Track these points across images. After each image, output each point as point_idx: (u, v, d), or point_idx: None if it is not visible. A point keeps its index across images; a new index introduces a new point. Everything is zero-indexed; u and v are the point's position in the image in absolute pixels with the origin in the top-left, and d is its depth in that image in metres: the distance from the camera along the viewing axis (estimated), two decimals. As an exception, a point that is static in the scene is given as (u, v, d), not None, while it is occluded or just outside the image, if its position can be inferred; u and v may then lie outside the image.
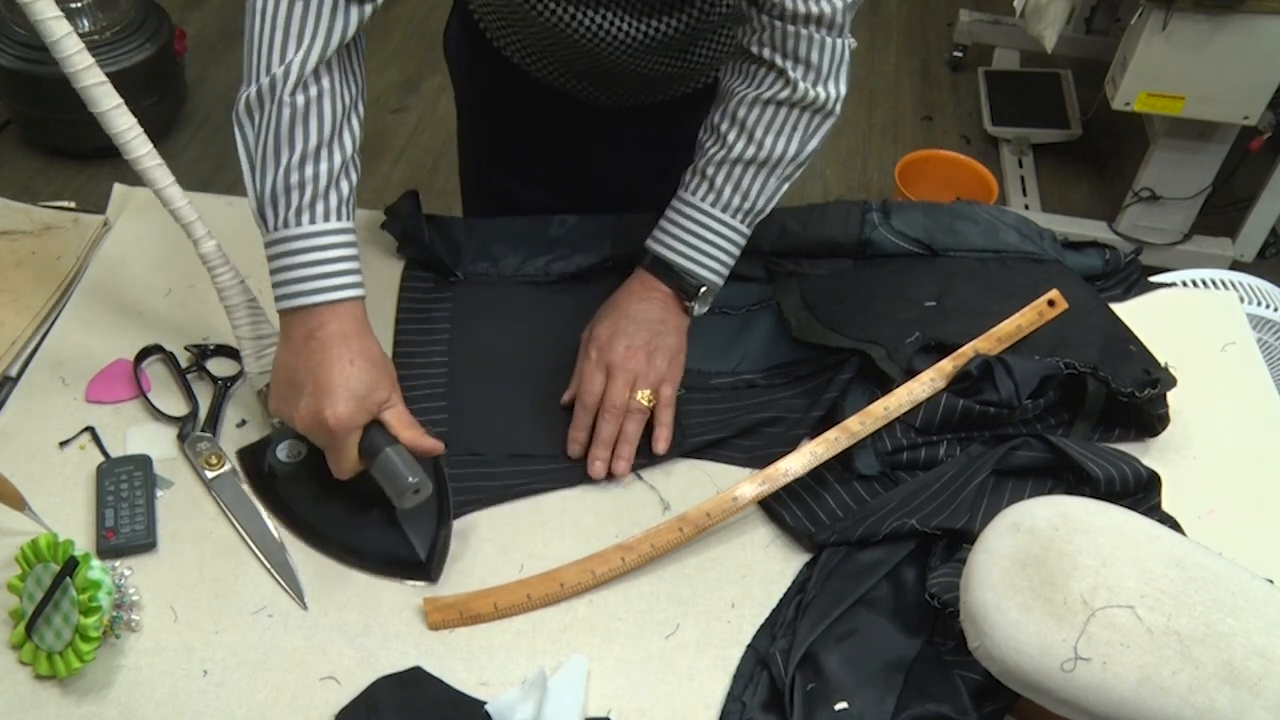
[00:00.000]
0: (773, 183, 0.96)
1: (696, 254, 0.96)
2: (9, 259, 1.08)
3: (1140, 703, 0.67)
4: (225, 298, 0.92)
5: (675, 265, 0.96)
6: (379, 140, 2.71)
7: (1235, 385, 1.06)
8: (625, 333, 0.95)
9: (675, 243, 0.96)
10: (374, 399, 0.83)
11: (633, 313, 0.97)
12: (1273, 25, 2.02)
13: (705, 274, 0.97)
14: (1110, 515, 0.75)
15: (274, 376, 0.87)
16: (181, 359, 0.99)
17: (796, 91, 0.92)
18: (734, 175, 0.95)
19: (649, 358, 0.95)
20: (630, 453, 0.94)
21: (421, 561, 0.85)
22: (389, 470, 0.82)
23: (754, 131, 0.93)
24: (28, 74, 2.39)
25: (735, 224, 0.96)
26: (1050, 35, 2.30)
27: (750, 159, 0.94)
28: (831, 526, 0.89)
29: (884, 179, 2.74)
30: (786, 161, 0.95)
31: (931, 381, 0.95)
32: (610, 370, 0.94)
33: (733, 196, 0.95)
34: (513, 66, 1.14)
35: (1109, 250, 1.14)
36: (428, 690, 0.78)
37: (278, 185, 0.82)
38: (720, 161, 0.95)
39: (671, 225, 0.97)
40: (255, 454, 0.93)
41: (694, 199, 0.96)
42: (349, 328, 0.83)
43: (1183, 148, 2.32)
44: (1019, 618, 0.70)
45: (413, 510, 0.85)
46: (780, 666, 0.79)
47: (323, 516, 0.88)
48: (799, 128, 0.94)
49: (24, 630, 0.78)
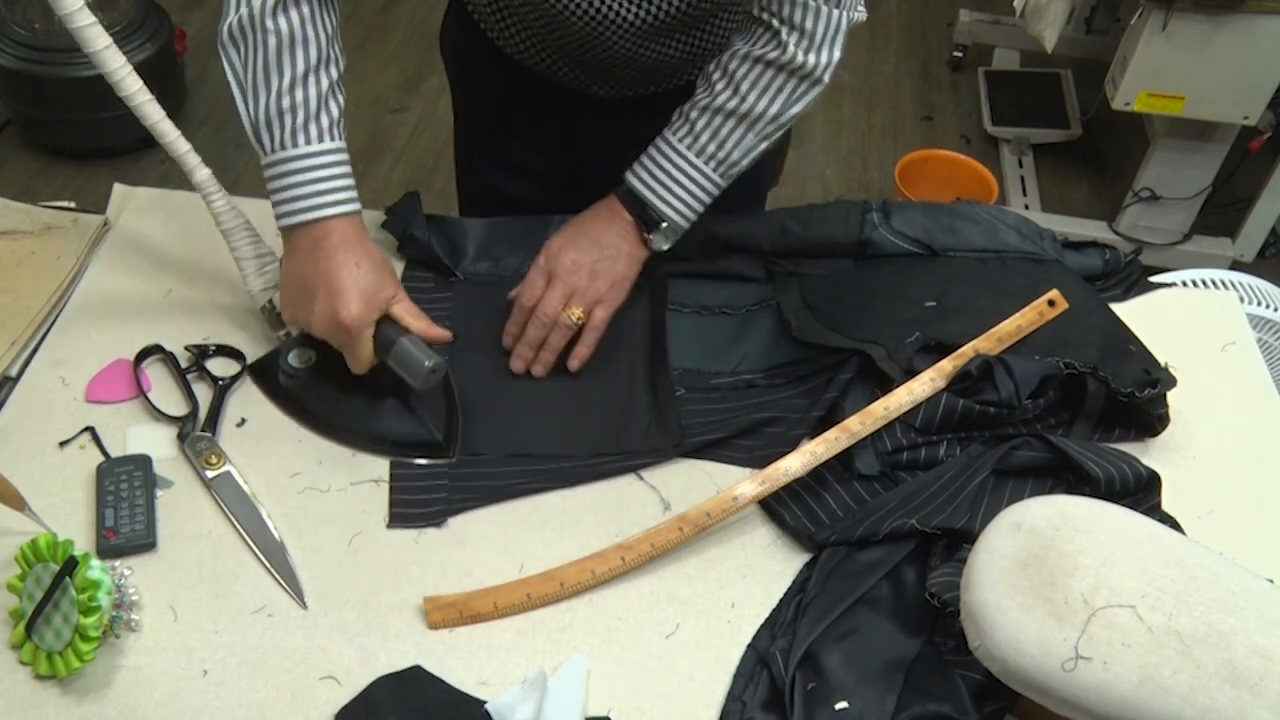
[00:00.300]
0: (750, 138, 0.98)
1: (664, 190, 0.99)
2: (9, 259, 1.08)
3: (1141, 702, 0.67)
4: (222, 222, 0.98)
5: (641, 196, 1.00)
6: (379, 140, 2.71)
7: (1235, 385, 1.06)
8: (577, 247, 1.00)
9: (647, 176, 1.00)
10: (382, 296, 0.91)
11: (590, 230, 1.01)
12: (1273, 25, 2.02)
13: (668, 210, 1.00)
14: (1111, 515, 0.75)
15: (284, 288, 0.94)
16: (181, 359, 0.99)
17: (786, 54, 0.94)
18: (714, 123, 0.97)
19: (592, 277, 0.99)
20: (550, 360, 0.99)
21: (439, 441, 0.93)
22: (406, 358, 0.90)
23: (740, 85, 0.96)
24: (28, 74, 2.40)
25: (707, 170, 0.99)
26: (1050, 35, 2.30)
27: (731, 110, 0.97)
28: (831, 526, 0.89)
29: (884, 179, 2.74)
30: (767, 120, 0.98)
31: (931, 381, 0.95)
32: (551, 279, 0.99)
33: (709, 143, 0.98)
34: (506, 57, 1.14)
35: (1109, 250, 1.14)
36: (427, 690, 0.78)
37: (270, 109, 0.89)
38: (704, 108, 0.97)
39: (648, 160, 1.00)
40: (267, 366, 0.99)
41: (673, 139, 0.99)
42: (351, 235, 0.91)
43: (1183, 148, 2.32)
44: (1020, 617, 0.70)
45: (424, 399, 0.94)
46: (780, 666, 0.79)
47: (342, 412, 0.95)
48: (784, 90, 0.96)
49: (24, 630, 0.78)
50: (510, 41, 1.12)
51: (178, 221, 1.14)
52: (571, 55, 1.08)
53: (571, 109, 1.17)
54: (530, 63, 1.13)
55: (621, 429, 0.97)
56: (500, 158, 1.24)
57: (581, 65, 1.10)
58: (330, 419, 0.95)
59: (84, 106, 2.45)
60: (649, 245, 1.02)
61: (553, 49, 1.09)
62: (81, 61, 2.38)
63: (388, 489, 0.91)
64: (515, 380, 1.01)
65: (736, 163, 0.99)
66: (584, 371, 1.01)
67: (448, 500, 0.91)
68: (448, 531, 0.89)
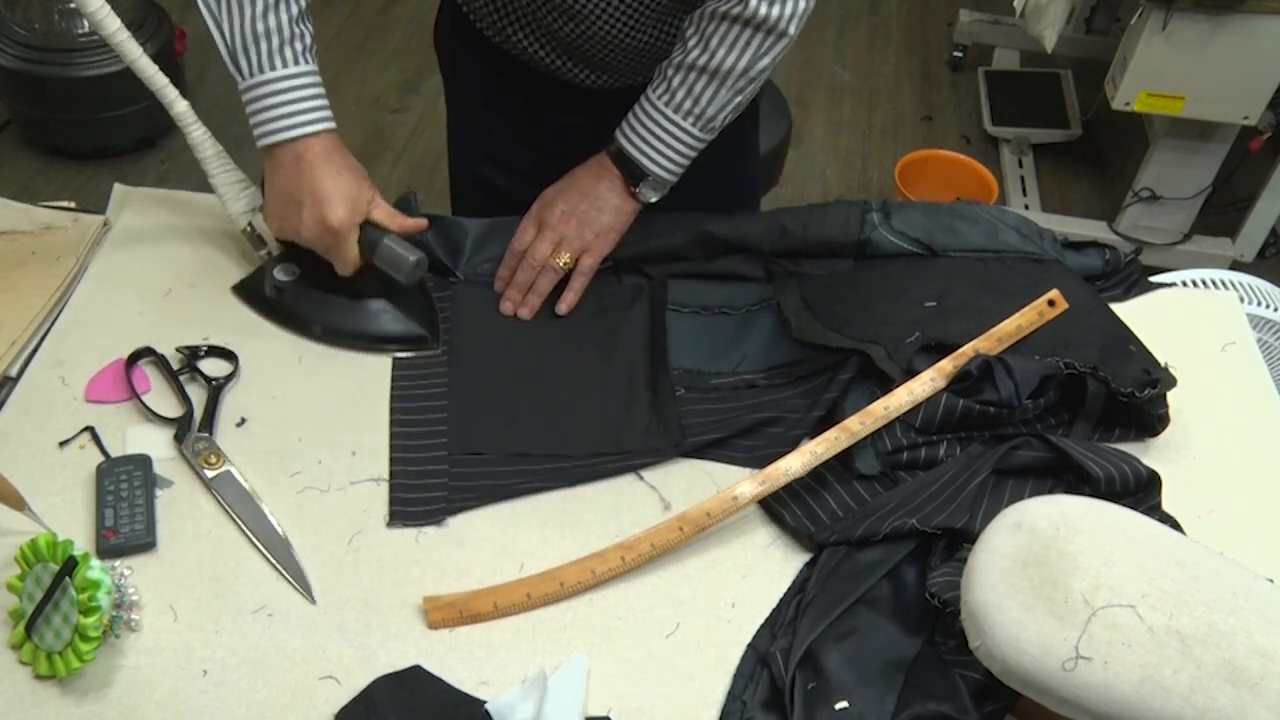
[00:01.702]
0: (724, 93, 1.01)
1: (646, 146, 1.03)
2: (9, 259, 1.08)
3: (1141, 702, 0.67)
4: (199, 150, 1.03)
5: (625, 152, 1.04)
6: (379, 140, 2.71)
7: (1235, 385, 1.06)
8: (567, 199, 1.06)
9: (630, 133, 1.04)
10: (363, 199, 0.98)
11: (581, 184, 1.07)
12: (1273, 25, 2.02)
13: (651, 165, 1.04)
14: (1111, 515, 0.75)
15: (270, 203, 1.00)
16: (174, 361, 0.99)
17: (748, 8, 0.95)
18: (688, 80, 1.00)
19: (580, 226, 1.05)
20: (536, 304, 1.06)
21: (425, 335, 1.02)
22: (391, 256, 0.98)
23: (709, 41, 0.98)
24: (28, 74, 2.39)
25: (685, 125, 1.02)
26: (1050, 35, 2.30)
27: (703, 67, 0.99)
28: (831, 526, 0.89)
29: (884, 179, 2.74)
30: (737, 74, 1.00)
31: (931, 381, 0.95)
32: (542, 227, 1.06)
33: (685, 99, 1.01)
34: (495, 47, 1.15)
35: (1109, 250, 1.14)
36: (427, 689, 0.78)
37: (245, 35, 0.94)
38: (679, 65, 1.01)
39: (632, 117, 1.05)
40: (253, 283, 1.05)
41: (653, 96, 1.03)
42: (330, 148, 0.98)
43: (1183, 148, 2.32)
44: (1020, 617, 0.70)
45: (406, 297, 1.02)
46: (780, 666, 0.79)
47: (331, 316, 1.03)
48: (751, 44, 0.98)
49: (24, 630, 0.78)
50: (499, 30, 1.12)
51: (177, 221, 1.14)
52: (559, 41, 1.09)
53: (562, 100, 1.17)
54: (519, 52, 1.13)
55: (621, 429, 0.97)
56: (492, 151, 1.25)
57: (569, 52, 1.10)
58: (323, 325, 1.02)
59: (84, 106, 2.45)
60: (637, 198, 1.06)
61: (540, 35, 1.09)
62: (81, 61, 2.39)
63: (387, 488, 0.91)
64: (516, 380, 1.01)
65: (713, 117, 1.02)
66: (584, 371, 1.01)
67: (447, 499, 0.91)
68: (448, 531, 0.89)
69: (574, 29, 1.06)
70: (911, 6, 3.36)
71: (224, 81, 0.93)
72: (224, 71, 0.94)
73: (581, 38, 1.07)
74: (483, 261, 1.10)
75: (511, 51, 1.14)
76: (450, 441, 0.95)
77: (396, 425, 0.96)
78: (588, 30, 1.05)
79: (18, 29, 2.40)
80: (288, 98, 0.96)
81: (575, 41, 1.08)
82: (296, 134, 0.96)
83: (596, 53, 1.09)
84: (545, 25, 1.08)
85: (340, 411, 0.97)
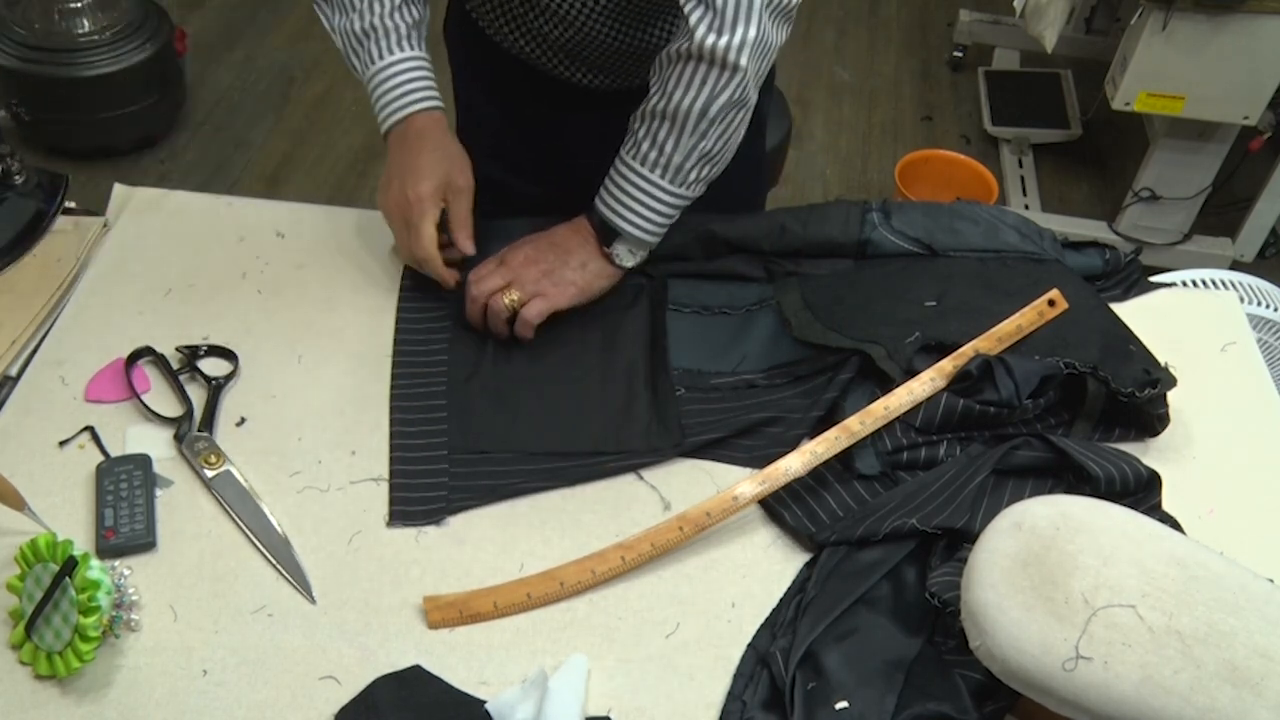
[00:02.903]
0: (686, 139, 0.97)
1: (616, 202, 1.01)
2: (9, 258, 1.08)
3: (1141, 702, 0.67)
4: None
5: (599, 211, 1.02)
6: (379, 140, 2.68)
7: (1235, 385, 1.06)
8: (535, 245, 1.04)
9: (605, 192, 1.02)
10: (452, 183, 1.02)
11: (555, 236, 1.05)
12: (1273, 25, 2.02)
13: (622, 223, 1.01)
14: (1111, 515, 0.75)
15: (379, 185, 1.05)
16: (173, 360, 0.99)
17: (694, 41, 0.92)
18: (650, 128, 0.98)
19: (541, 274, 1.02)
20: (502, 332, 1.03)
21: None
22: None
23: (666, 84, 0.96)
24: (28, 74, 2.39)
25: (654, 178, 0.99)
26: (1050, 35, 2.29)
27: (661, 112, 0.97)
28: (831, 526, 0.89)
29: (884, 179, 2.74)
30: (696, 115, 0.95)
31: (932, 381, 0.95)
32: (501, 263, 1.04)
33: (650, 150, 0.98)
34: (496, 46, 1.15)
35: (1109, 250, 1.14)
36: (427, 689, 0.78)
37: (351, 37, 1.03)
38: (641, 115, 0.99)
39: (607, 178, 1.03)
40: None
41: (622, 152, 1.01)
42: (429, 126, 1.03)
43: (1183, 148, 2.32)
44: (1020, 617, 0.70)
45: None
46: (780, 666, 0.79)
47: None
48: (706, 83, 0.94)
49: (24, 630, 0.78)
50: (499, 30, 1.13)
51: (177, 222, 1.14)
52: (553, 42, 1.09)
53: (564, 100, 1.17)
54: (518, 51, 1.14)
55: (621, 429, 0.97)
56: (495, 150, 1.25)
57: (564, 52, 1.10)
58: None
59: (84, 106, 2.45)
60: (612, 260, 1.03)
61: (536, 36, 1.10)
62: (81, 61, 2.39)
63: (387, 488, 0.91)
64: (516, 379, 1.01)
65: (680, 166, 0.98)
66: (584, 371, 1.01)
67: (447, 499, 0.91)
68: (448, 531, 0.89)
69: (563, 32, 1.06)
70: (911, 6, 3.36)
71: (224, 81, 0.93)
72: (224, 71, 0.94)
73: (572, 41, 1.07)
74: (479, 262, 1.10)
75: (512, 52, 1.14)
76: (451, 440, 0.95)
77: (396, 425, 0.96)
78: (576, 34, 1.05)
79: (18, 29, 2.40)
80: (389, 84, 1.02)
81: (567, 44, 1.08)
82: (398, 116, 1.02)
83: (588, 54, 1.09)
84: (537, 29, 1.08)
85: (340, 411, 0.97)
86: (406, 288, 1.08)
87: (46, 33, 2.40)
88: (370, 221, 1.14)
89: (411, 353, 1.02)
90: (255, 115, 2.73)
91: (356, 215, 1.16)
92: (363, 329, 1.04)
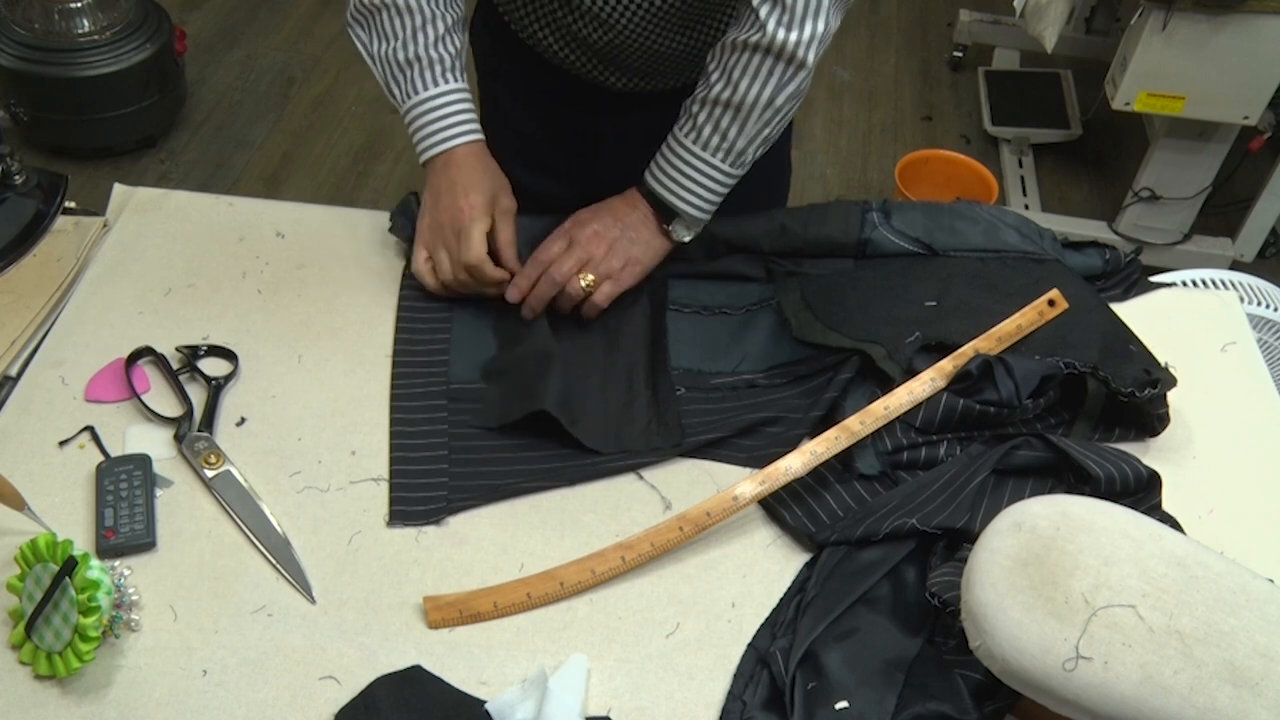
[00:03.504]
0: (750, 126, 1.00)
1: (676, 185, 1.02)
2: (9, 258, 1.08)
3: (1142, 702, 0.67)
4: None
5: (656, 192, 1.03)
6: (379, 140, 2.71)
7: (1235, 385, 1.06)
8: (601, 220, 1.04)
9: (660, 174, 1.03)
10: (499, 202, 1.04)
11: (616, 210, 1.05)
12: (1273, 25, 2.02)
13: (681, 205, 1.03)
14: (1112, 514, 0.75)
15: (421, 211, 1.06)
16: (173, 360, 0.99)
17: (765, 34, 0.94)
18: (714, 115, 0.99)
19: (610, 250, 1.03)
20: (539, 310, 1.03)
21: None
22: None
23: (731, 74, 0.97)
24: (28, 74, 2.39)
25: (714, 161, 1.01)
26: (1050, 35, 2.29)
27: (728, 101, 0.98)
28: (831, 526, 0.89)
29: (884, 179, 2.74)
30: (762, 106, 0.98)
31: (932, 381, 0.95)
32: (571, 243, 1.03)
33: (712, 136, 1.00)
34: (529, 50, 1.16)
35: (1109, 250, 1.14)
36: (428, 689, 0.78)
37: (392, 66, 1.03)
38: (704, 101, 1.00)
39: (660, 157, 1.04)
40: None
41: (680, 135, 1.02)
42: (475, 153, 1.04)
43: (1183, 148, 2.32)
44: (1020, 617, 0.70)
45: None
46: (781, 665, 0.79)
47: None
48: (773, 75, 0.97)
49: (23, 630, 0.78)
50: (531, 33, 1.13)
51: (177, 221, 1.14)
52: (589, 45, 1.09)
53: (593, 103, 1.18)
54: (550, 54, 1.14)
55: (622, 428, 0.97)
56: (525, 153, 1.25)
57: (599, 56, 1.11)
58: None
59: (84, 106, 2.45)
60: (669, 235, 1.05)
61: (571, 38, 1.10)
62: (81, 61, 2.39)
63: (387, 488, 0.91)
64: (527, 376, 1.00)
65: (742, 151, 1.01)
66: (585, 371, 1.01)
67: (447, 499, 0.91)
68: (448, 531, 0.89)
69: (602, 35, 1.06)
70: (911, 6, 3.36)
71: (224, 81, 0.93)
72: (224, 71, 0.94)
73: (610, 45, 1.07)
74: None
75: (545, 55, 1.14)
76: (451, 441, 0.94)
77: (396, 425, 0.96)
78: (616, 38, 1.06)
79: (18, 29, 2.40)
80: (432, 117, 1.03)
81: (604, 48, 1.08)
82: (442, 148, 1.03)
83: (625, 58, 1.09)
84: (574, 31, 1.08)
85: (340, 411, 0.97)
86: (406, 287, 1.08)
87: (46, 33, 2.40)
88: (370, 221, 1.14)
89: (411, 353, 1.02)
90: (255, 115, 2.73)
91: (356, 215, 1.16)
92: (363, 329, 1.04)
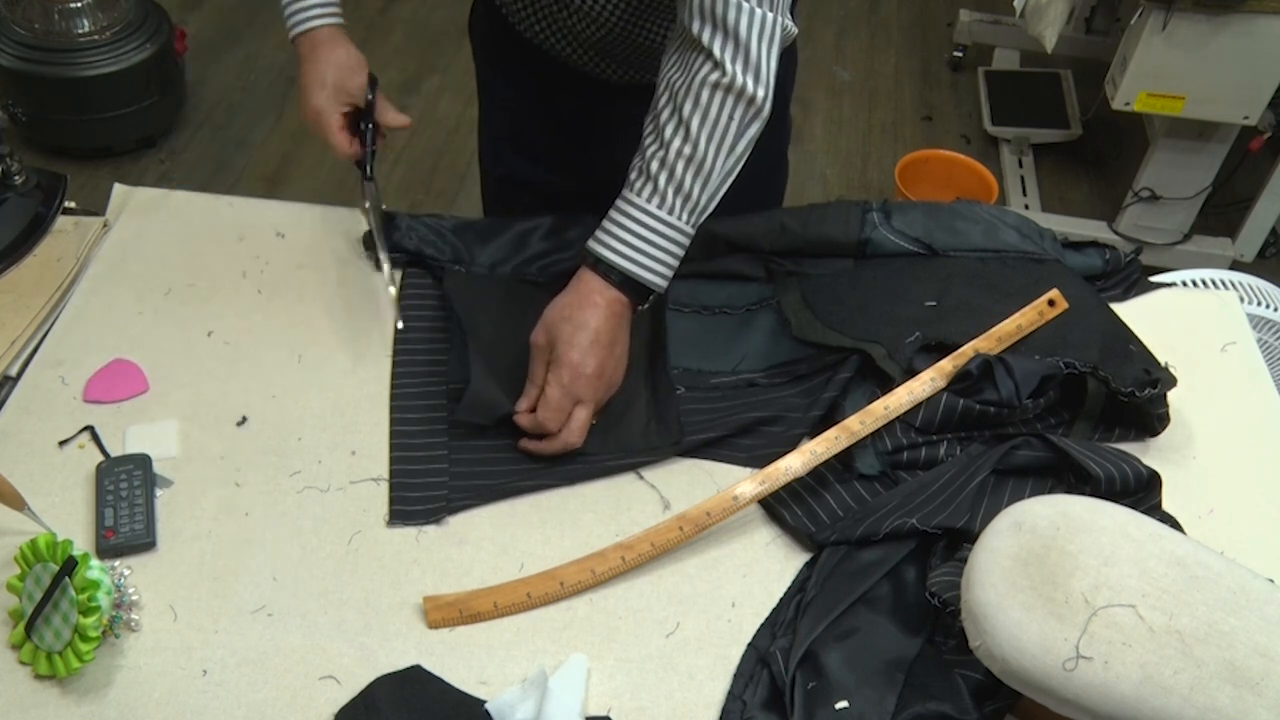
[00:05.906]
0: (715, 179, 0.92)
1: (641, 255, 0.93)
2: (9, 258, 1.08)
3: (1142, 702, 0.67)
4: None
5: (621, 269, 0.93)
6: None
7: (1235, 385, 1.06)
8: (595, 355, 0.93)
9: (620, 245, 0.93)
10: (341, 88, 1.04)
11: (597, 332, 0.93)
12: (1273, 25, 2.01)
13: (651, 276, 0.93)
14: (1112, 514, 0.75)
15: None
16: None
17: (726, 74, 0.89)
18: (676, 173, 0.91)
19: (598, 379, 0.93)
20: None
21: None
22: None
23: (689, 125, 0.90)
24: (28, 74, 2.39)
25: (677, 223, 0.93)
26: (1050, 35, 2.29)
27: (689, 156, 0.91)
28: (831, 526, 0.89)
29: (884, 179, 2.73)
30: (724, 153, 0.91)
31: (932, 381, 0.95)
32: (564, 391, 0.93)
33: (674, 197, 0.92)
34: (525, 41, 1.16)
35: (1109, 250, 1.14)
36: (428, 689, 0.78)
37: None
38: (662, 160, 0.91)
39: (616, 227, 0.93)
40: None
41: (639, 200, 0.92)
42: (320, 39, 1.04)
43: (1183, 148, 2.32)
44: (1020, 617, 0.70)
45: None
46: (781, 665, 0.79)
47: None
48: (734, 118, 0.90)
49: (24, 630, 0.78)
50: (525, 23, 1.13)
51: (177, 221, 1.14)
52: (584, 39, 1.10)
53: (588, 94, 1.18)
54: (544, 45, 1.15)
55: (621, 427, 0.97)
56: (519, 142, 1.25)
57: (595, 49, 1.11)
58: None
59: (84, 106, 2.45)
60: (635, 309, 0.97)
61: (567, 33, 1.10)
62: (81, 61, 2.39)
63: (387, 488, 0.91)
64: (514, 379, 1.00)
65: (705, 207, 0.94)
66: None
67: (447, 499, 0.91)
68: (448, 531, 0.89)
69: (595, 30, 1.06)
70: (911, 6, 3.36)
71: (224, 81, 0.93)
72: (224, 71, 0.94)
73: (603, 39, 1.07)
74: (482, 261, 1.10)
75: (543, 48, 1.15)
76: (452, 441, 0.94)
77: (396, 425, 0.96)
78: (609, 33, 1.06)
79: (18, 29, 2.40)
80: None
81: (597, 42, 1.08)
82: (296, 31, 1.05)
83: (619, 50, 1.10)
84: (569, 26, 1.09)
85: (340, 411, 0.97)
86: (407, 287, 1.08)
87: (46, 33, 2.40)
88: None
89: (411, 352, 1.02)
90: (255, 115, 2.73)
91: (356, 215, 1.16)
92: (363, 329, 1.04)
